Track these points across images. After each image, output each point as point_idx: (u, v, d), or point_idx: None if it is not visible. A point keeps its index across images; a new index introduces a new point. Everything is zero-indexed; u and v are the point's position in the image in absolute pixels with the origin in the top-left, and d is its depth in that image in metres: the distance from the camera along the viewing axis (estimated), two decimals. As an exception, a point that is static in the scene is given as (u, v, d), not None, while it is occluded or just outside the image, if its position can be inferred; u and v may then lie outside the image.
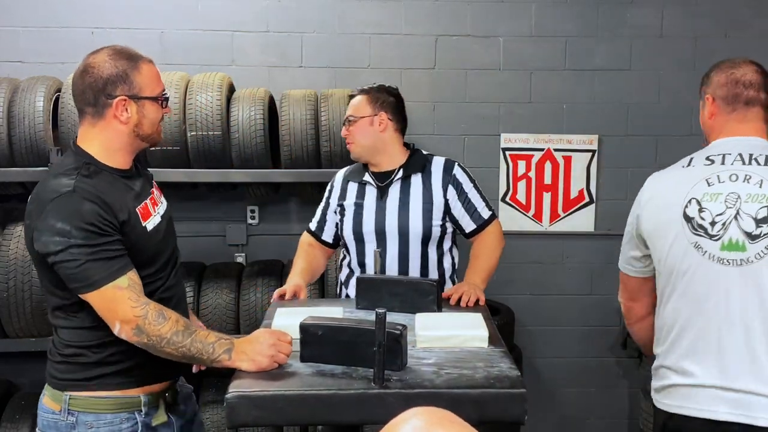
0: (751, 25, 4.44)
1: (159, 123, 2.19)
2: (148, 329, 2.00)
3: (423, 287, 2.55)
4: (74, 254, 1.97)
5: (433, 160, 3.01)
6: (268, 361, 2.01)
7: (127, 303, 1.99)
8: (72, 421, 2.09)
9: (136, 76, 2.10)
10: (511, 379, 1.95)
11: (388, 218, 2.93)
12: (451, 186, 2.95)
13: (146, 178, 2.30)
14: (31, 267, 3.60)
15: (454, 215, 2.96)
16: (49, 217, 1.99)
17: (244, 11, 4.27)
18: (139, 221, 2.12)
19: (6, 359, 4.03)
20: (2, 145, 3.64)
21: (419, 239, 2.92)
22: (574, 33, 4.41)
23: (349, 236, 2.98)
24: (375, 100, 2.99)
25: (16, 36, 4.17)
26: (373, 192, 2.98)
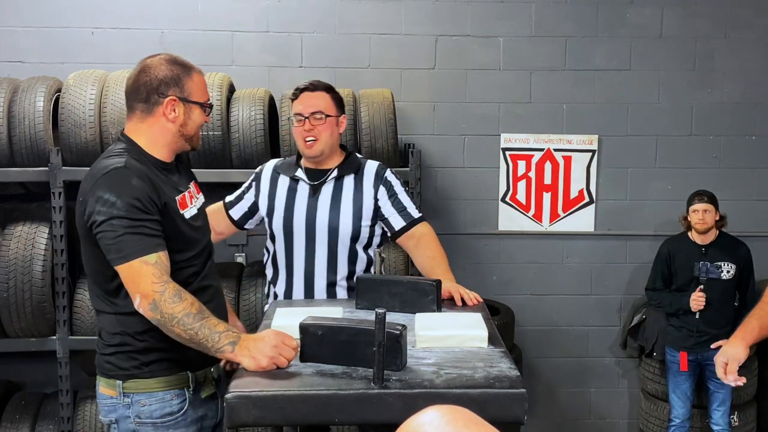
0: (751, 25, 4.45)
1: (199, 129, 2.34)
2: (162, 306, 2.06)
3: (423, 287, 2.55)
4: (115, 225, 2.08)
5: (366, 163, 3.01)
6: (267, 362, 2.02)
7: (150, 278, 2.07)
8: (128, 402, 2.24)
9: (188, 82, 2.27)
10: (510, 379, 1.95)
11: (319, 216, 2.90)
12: (382, 186, 2.95)
13: (187, 175, 2.45)
14: (31, 267, 3.61)
15: (384, 213, 2.95)
16: (98, 189, 2.12)
17: (244, 11, 4.27)
18: (177, 208, 2.24)
19: (6, 359, 4.03)
20: (2, 145, 3.64)
21: (348, 238, 2.92)
22: (574, 33, 4.41)
23: (279, 230, 2.95)
24: (337, 101, 2.96)
25: (16, 36, 4.17)
26: (305, 189, 2.94)
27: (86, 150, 3.63)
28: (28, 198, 3.99)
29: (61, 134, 3.65)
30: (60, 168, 3.66)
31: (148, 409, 2.23)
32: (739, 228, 4.29)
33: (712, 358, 4.05)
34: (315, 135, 2.87)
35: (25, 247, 3.63)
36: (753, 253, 4.13)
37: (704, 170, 4.42)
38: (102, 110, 3.63)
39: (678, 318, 4.09)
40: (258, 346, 2.03)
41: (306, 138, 2.87)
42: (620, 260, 4.57)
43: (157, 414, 2.23)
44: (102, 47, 4.19)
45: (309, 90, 2.91)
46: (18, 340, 3.74)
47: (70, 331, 3.75)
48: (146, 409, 2.23)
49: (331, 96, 2.92)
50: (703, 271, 3.92)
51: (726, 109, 4.49)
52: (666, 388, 4.22)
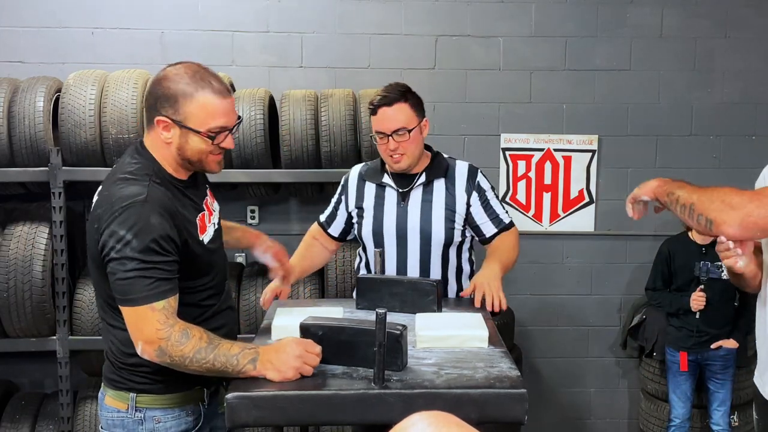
0: (751, 25, 4.45)
1: (213, 154, 2.11)
2: (170, 350, 1.97)
3: (423, 287, 2.55)
4: (126, 266, 1.96)
5: (456, 164, 2.95)
6: (293, 373, 1.94)
7: (154, 325, 1.97)
8: (140, 417, 2.14)
9: (186, 104, 2.03)
10: (511, 379, 1.95)
11: (410, 222, 2.86)
12: (475, 192, 2.91)
13: (203, 184, 2.30)
14: (31, 267, 3.60)
15: (475, 220, 2.91)
16: (115, 224, 1.98)
17: (244, 11, 4.27)
18: (197, 234, 2.13)
19: (6, 359, 4.03)
20: (2, 145, 3.64)
21: (441, 244, 2.88)
22: (574, 33, 4.41)
23: (368, 237, 2.91)
24: (416, 105, 2.83)
25: (16, 36, 4.17)
26: (393, 195, 2.90)
27: (86, 150, 3.63)
28: (28, 198, 3.99)
29: (61, 134, 3.65)
30: (60, 168, 3.66)
31: (163, 426, 2.15)
32: (739, 228, 4.28)
33: (712, 359, 4.07)
34: (401, 152, 2.79)
35: (25, 247, 3.63)
36: (753, 253, 4.13)
37: (704, 170, 4.42)
38: (102, 110, 3.63)
39: (678, 318, 4.09)
40: (281, 357, 1.95)
41: (392, 155, 2.80)
42: (620, 260, 4.57)
43: (173, 430, 2.17)
44: (102, 47, 4.19)
45: (386, 104, 2.77)
46: (18, 340, 3.74)
47: (70, 331, 3.75)
48: (161, 426, 2.15)
49: (409, 104, 2.80)
50: (703, 271, 3.92)
51: (726, 109, 4.49)
52: (666, 388, 4.22)
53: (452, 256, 2.93)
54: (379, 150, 2.87)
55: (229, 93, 2.10)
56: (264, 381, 1.96)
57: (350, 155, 3.80)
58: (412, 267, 2.89)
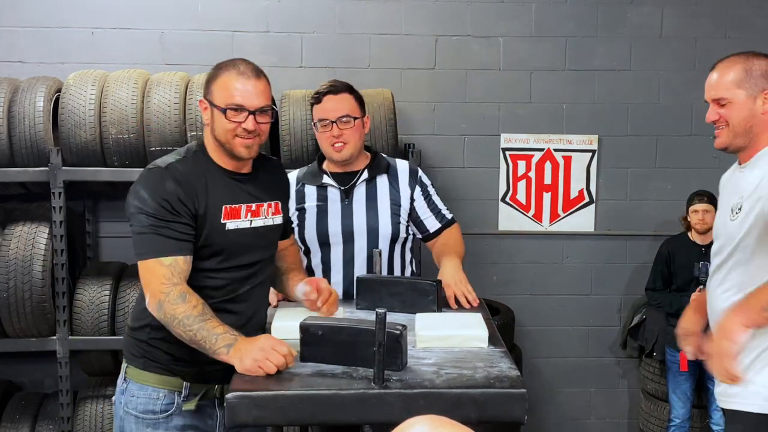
0: (751, 25, 4.45)
1: (237, 136, 2.20)
2: (166, 307, 2.09)
3: (423, 287, 2.55)
4: (141, 221, 2.13)
5: (396, 162, 2.97)
6: (251, 364, 1.97)
7: (160, 279, 2.10)
8: (124, 387, 2.29)
9: (213, 83, 2.24)
10: (511, 379, 1.95)
11: (356, 219, 2.85)
12: (418, 186, 2.92)
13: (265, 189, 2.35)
14: (31, 267, 3.60)
15: (419, 215, 2.92)
16: (137, 183, 2.19)
17: (244, 11, 4.27)
18: (219, 216, 2.22)
19: (6, 359, 4.03)
20: (2, 145, 3.64)
21: (388, 239, 2.87)
22: (574, 33, 4.41)
23: (312, 239, 2.88)
24: (360, 101, 2.90)
25: (16, 36, 4.17)
26: (335, 193, 2.88)
27: (86, 150, 3.63)
28: (28, 198, 3.99)
29: (61, 134, 3.65)
30: (60, 168, 3.65)
31: (135, 401, 2.26)
32: (739, 228, 4.29)
33: (712, 358, 4.07)
34: (344, 140, 2.80)
35: (25, 247, 3.63)
36: (753, 253, 4.13)
37: (704, 170, 4.42)
38: (102, 110, 3.63)
39: (678, 318, 4.08)
40: (247, 348, 2.01)
41: (334, 143, 2.81)
42: (620, 260, 4.57)
43: (141, 408, 2.25)
44: (102, 47, 4.19)
45: (332, 93, 2.83)
46: (18, 340, 3.74)
47: (70, 331, 3.75)
48: (133, 401, 2.26)
49: (354, 97, 2.86)
50: (703, 271, 3.92)
51: (726, 109, 4.49)
52: (666, 388, 4.22)
53: (397, 254, 2.92)
54: (320, 140, 2.86)
55: (255, 77, 2.25)
56: (264, 380, 1.97)
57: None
58: (359, 265, 2.85)
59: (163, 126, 3.63)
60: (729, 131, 2.33)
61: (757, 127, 2.29)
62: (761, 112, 2.27)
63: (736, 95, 2.29)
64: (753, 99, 2.28)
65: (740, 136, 2.31)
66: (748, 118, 2.28)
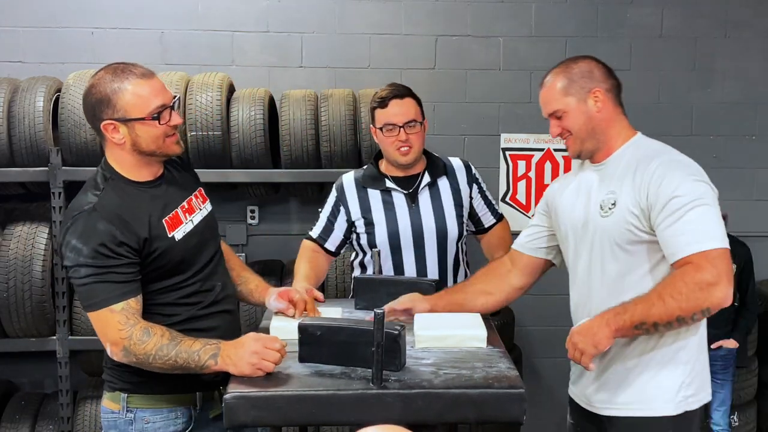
0: (751, 25, 4.44)
1: (167, 136, 2.13)
2: (134, 349, 2.01)
3: (422, 287, 2.55)
4: (81, 273, 2.03)
5: (451, 162, 3.04)
6: (250, 369, 1.97)
7: (116, 326, 2.01)
8: (131, 418, 2.18)
9: (119, 99, 2.07)
10: (509, 379, 1.95)
11: (425, 223, 2.90)
12: (475, 184, 3.03)
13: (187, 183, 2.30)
14: (31, 267, 3.61)
15: (477, 212, 3.04)
16: (68, 233, 2.05)
17: (244, 11, 4.27)
18: (165, 232, 2.14)
19: (6, 359, 4.03)
20: (2, 145, 3.64)
21: (455, 240, 2.96)
22: (574, 33, 4.41)
23: (384, 245, 2.91)
24: (420, 105, 2.94)
25: (16, 36, 4.17)
26: (401, 198, 2.92)
27: (86, 150, 3.63)
28: (28, 198, 3.99)
29: (61, 134, 3.65)
30: (60, 168, 3.66)
31: (152, 427, 2.17)
32: (739, 228, 4.28)
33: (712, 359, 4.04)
34: (410, 143, 2.84)
35: (25, 247, 3.63)
36: (753, 254, 4.13)
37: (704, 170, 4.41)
38: (102, 110, 3.63)
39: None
40: (238, 353, 1.99)
41: (401, 147, 2.84)
42: (620, 260, 4.56)
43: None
44: (102, 47, 4.19)
45: (398, 97, 2.86)
46: (18, 340, 3.74)
47: (70, 331, 3.75)
48: (150, 427, 2.17)
49: (416, 101, 2.91)
50: (702, 271, 3.91)
51: (726, 109, 4.49)
52: (666, 388, 4.21)
53: (460, 251, 3.02)
54: (384, 144, 2.88)
55: (153, 74, 2.14)
56: (263, 381, 1.97)
57: (350, 155, 3.80)
58: (431, 267, 2.93)
59: (163, 126, 3.62)
60: (575, 139, 2.29)
61: (599, 126, 2.27)
62: (596, 111, 2.25)
63: (568, 104, 2.26)
64: (584, 102, 2.26)
65: (587, 141, 2.28)
66: (586, 121, 2.26)
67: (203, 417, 2.23)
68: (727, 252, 2.05)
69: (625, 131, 2.33)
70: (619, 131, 2.31)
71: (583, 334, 2.18)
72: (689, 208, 2.06)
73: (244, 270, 2.52)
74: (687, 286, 2.01)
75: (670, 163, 2.18)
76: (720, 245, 2.03)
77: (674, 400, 2.21)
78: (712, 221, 2.07)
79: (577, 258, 2.37)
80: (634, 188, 2.17)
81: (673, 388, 2.21)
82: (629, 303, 2.11)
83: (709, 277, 1.99)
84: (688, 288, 2.01)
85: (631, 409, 2.25)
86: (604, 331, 2.12)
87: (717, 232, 2.06)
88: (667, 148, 2.30)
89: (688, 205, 2.07)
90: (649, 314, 2.06)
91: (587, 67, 2.33)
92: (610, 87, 2.31)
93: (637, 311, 2.07)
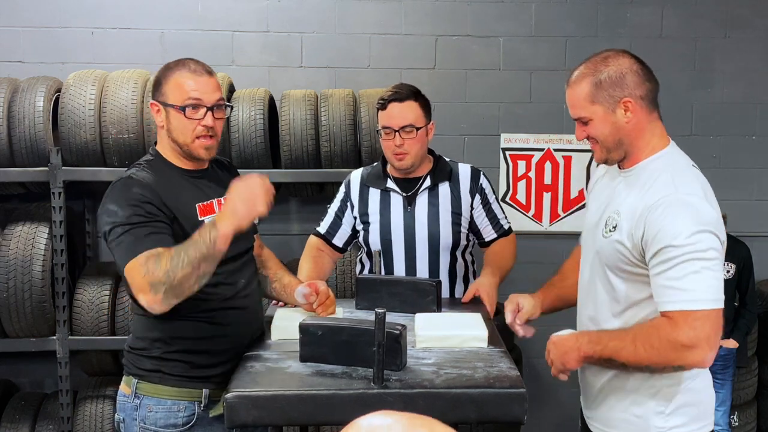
0: (751, 25, 4.45)
1: (197, 137, 2.20)
2: (155, 278, 1.99)
3: (422, 287, 2.55)
4: (117, 233, 2.07)
5: (459, 167, 2.95)
6: (245, 207, 2.03)
7: (139, 271, 2.02)
8: (137, 404, 2.22)
9: (165, 84, 2.21)
10: (510, 379, 1.95)
11: (418, 227, 2.85)
12: (478, 194, 2.91)
13: (225, 183, 2.27)
14: (31, 267, 3.60)
15: (476, 223, 2.93)
16: (105, 201, 2.14)
17: (244, 11, 4.27)
18: (196, 215, 2.21)
19: (6, 359, 4.03)
20: (2, 145, 3.64)
21: (449, 248, 2.88)
22: (574, 33, 4.41)
23: (376, 245, 2.90)
24: (425, 107, 2.83)
25: (16, 36, 4.17)
26: (398, 200, 2.88)
27: (86, 150, 3.63)
28: (28, 198, 3.99)
29: (61, 134, 3.65)
30: (60, 168, 3.66)
31: (153, 416, 2.20)
32: (739, 228, 4.28)
33: (712, 358, 4.06)
34: (405, 150, 2.77)
35: (25, 247, 3.63)
36: (753, 253, 4.13)
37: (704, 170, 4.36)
38: (102, 110, 3.63)
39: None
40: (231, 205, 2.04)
41: (396, 152, 2.78)
42: (620, 260, 4.56)
43: (161, 423, 2.20)
44: (102, 47, 4.19)
45: (397, 100, 2.77)
46: (18, 340, 3.74)
47: (70, 331, 3.75)
48: (152, 416, 2.20)
49: (419, 104, 2.80)
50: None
51: (726, 109, 4.49)
52: (666, 388, 4.21)
53: (459, 260, 2.94)
54: (383, 146, 2.85)
55: (206, 74, 2.23)
56: (263, 380, 1.96)
57: (350, 155, 3.79)
58: (420, 272, 2.87)
59: (163, 126, 3.63)
60: (601, 148, 2.13)
61: (627, 137, 2.09)
62: (625, 122, 2.06)
63: (594, 112, 2.07)
64: (612, 112, 2.06)
65: (614, 150, 2.12)
66: (613, 132, 2.08)
67: (205, 415, 2.23)
68: (714, 314, 1.90)
69: (655, 140, 2.13)
70: (649, 140, 2.12)
71: (557, 347, 2.16)
72: (683, 260, 1.90)
73: (280, 269, 2.59)
74: (660, 342, 1.92)
75: (678, 206, 1.96)
76: (707, 306, 1.89)
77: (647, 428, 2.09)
78: (706, 279, 1.90)
79: (585, 260, 2.29)
80: (633, 217, 2.03)
81: (645, 416, 2.10)
82: (605, 335, 2.07)
83: (684, 339, 1.88)
84: (661, 344, 1.91)
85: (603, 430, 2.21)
86: (573, 354, 2.11)
87: (708, 293, 1.90)
88: (687, 176, 2.10)
89: (683, 257, 1.90)
90: (619, 354, 1.99)
91: (619, 71, 2.08)
92: (644, 93, 2.09)
93: (609, 347, 2.01)
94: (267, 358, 2.13)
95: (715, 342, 1.92)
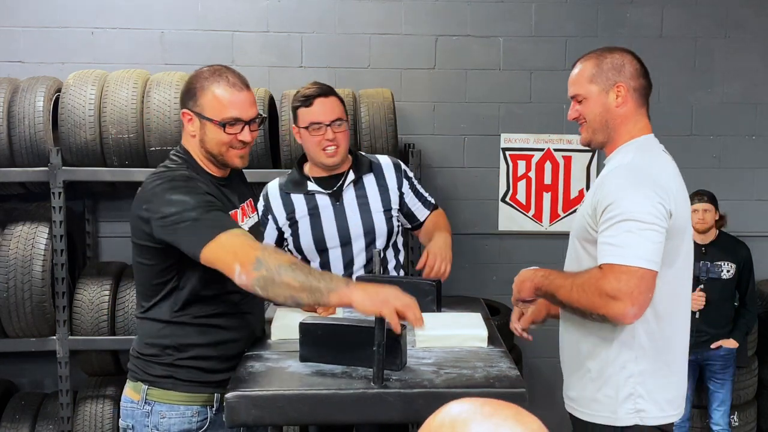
0: (751, 25, 4.45)
1: (232, 147, 2.20)
2: (268, 260, 1.95)
3: (423, 287, 2.55)
4: (192, 215, 2.03)
5: (379, 159, 2.96)
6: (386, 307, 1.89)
7: (246, 242, 2.00)
8: (147, 410, 2.19)
9: (202, 96, 2.16)
10: (510, 379, 1.95)
11: (351, 222, 2.83)
12: (405, 180, 2.93)
13: (242, 191, 2.38)
14: (31, 267, 3.60)
15: (408, 205, 2.93)
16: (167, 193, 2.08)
17: (244, 11, 4.27)
18: None
19: (6, 359, 4.03)
20: (2, 145, 3.64)
21: (384, 237, 2.86)
22: (574, 33, 4.41)
23: (309, 247, 2.85)
24: (344, 104, 2.86)
25: (16, 36, 4.17)
26: (325, 199, 2.84)
27: (86, 150, 3.63)
28: (28, 198, 3.99)
29: (61, 134, 3.65)
30: (60, 168, 3.66)
31: (167, 422, 2.18)
32: (739, 228, 4.29)
33: (712, 358, 4.07)
34: (337, 143, 2.76)
35: (25, 247, 3.63)
36: (753, 253, 4.13)
37: (704, 170, 4.41)
38: (102, 110, 3.63)
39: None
40: (376, 289, 1.94)
41: (327, 147, 2.76)
42: (620, 260, 4.56)
43: (175, 428, 2.18)
44: (102, 47, 4.19)
45: (322, 95, 2.77)
46: (18, 340, 3.74)
47: (70, 331, 3.75)
48: (165, 422, 2.18)
49: (340, 100, 2.83)
50: (703, 271, 3.92)
51: (726, 109, 4.49)
52: (666, 388, 4.21)
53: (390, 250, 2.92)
54: (309, 144, 2.79)
55: (245, 87, 2.20)
56: (263, 380, 1.96)
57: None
58: (358, 267, 2.84)
59: (163, 126, 3.63)
60: (587, 127, 2.28)
61: (613, 121, 2.22)
62: (615, 106, 2.20)
63: (590, 91, 2.25)
64: (605, 93, 2.22)
65: (599, 132, 2.25)
66: (602, 113, 2.22)
67: (218, 418, 2.22)
68: (642, 272, 1.98)
69: (636, 130, 2.24)
70: (630, 129, 2.23)
71: (519, 277, 2.36)
72: (620, 219, 2.03)
73: None
74: (589, 287, 2.04)
75: (629, 171, 2.13)
76: (634, 264, 1.98)
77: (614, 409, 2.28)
78: (639, 240, 2.00)
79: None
80: (594, 186, 2.21)
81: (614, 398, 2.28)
82: (556, 273, 2.24)
83: (608, 289, 1.99)
84: (590, 289, 2.04)
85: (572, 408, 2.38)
86: (528, 284, 2.31)
87: (638, 250, 1.99)
88: (650, 153, 2.23)
89: (620, 216, 2.03)
90: (559, 292, 2.15)
91: (620, 60, 2.26)
92: (638, 86, 2.23)
93: (554, 284, 2.18)
94: (267, 358, 2.13)
95: (639, 300, 2.00)
